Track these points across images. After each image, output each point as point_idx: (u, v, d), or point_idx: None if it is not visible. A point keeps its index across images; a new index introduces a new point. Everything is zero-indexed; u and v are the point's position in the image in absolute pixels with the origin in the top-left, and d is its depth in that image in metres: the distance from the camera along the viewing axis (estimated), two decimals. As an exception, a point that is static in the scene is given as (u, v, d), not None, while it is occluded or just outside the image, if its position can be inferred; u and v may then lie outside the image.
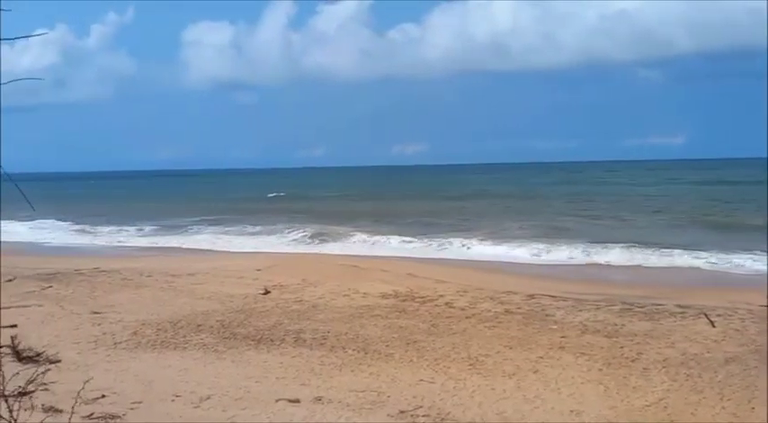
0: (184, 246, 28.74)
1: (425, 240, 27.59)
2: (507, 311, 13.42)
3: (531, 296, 14.88)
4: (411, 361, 10.04)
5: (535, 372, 9.52)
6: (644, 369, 9.62)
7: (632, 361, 10.00)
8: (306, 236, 30.89)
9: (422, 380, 9.14)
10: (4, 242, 29.62)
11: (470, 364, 9.85)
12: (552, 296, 14.89)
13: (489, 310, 13.50)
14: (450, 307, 13.86)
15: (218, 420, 7.63)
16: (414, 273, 18.52)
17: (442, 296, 14.88)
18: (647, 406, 8.22)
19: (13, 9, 3.07)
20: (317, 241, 29.34)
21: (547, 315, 13.12)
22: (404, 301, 14.46)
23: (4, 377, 3.34)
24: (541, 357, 10.20)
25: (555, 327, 12.17)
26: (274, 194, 65.16)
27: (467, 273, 19.46)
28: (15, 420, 3.08)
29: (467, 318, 12.89)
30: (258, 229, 34.19)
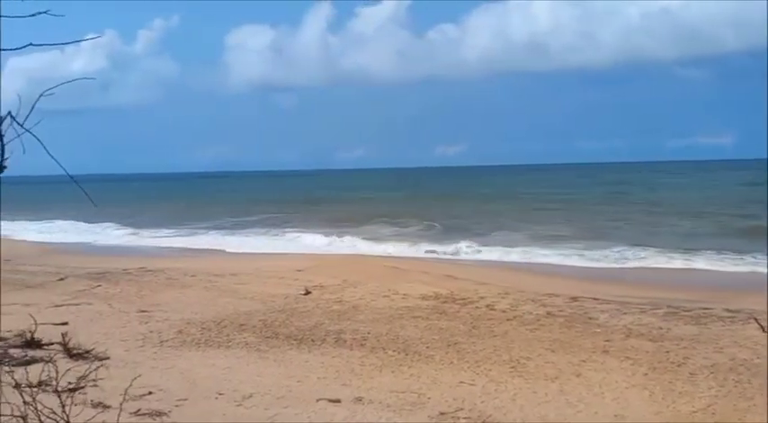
0: (224, 246, 29.16)
1: (465, 241, 27.47)
2: (549, 314, 13.27)
3: (574, 299, 14.68)
4: (451, 363, 10.02)
5: (578, 375, 9.39)
6: (690, 374, 9.40)
7: (678, 366, 9.78)
8: (340, 237, 31.08)
9: (462, 382, 9.11)
10: (58, 242, 30.59)
11: (512, 367, 9.77)
12: (595, 299, 14.67)
13: (531, 313, 13.37)
14: (491, 309, 13.77)
15: (261, 419, 7.74)
16: (453, 274, 18.47)
17: (482, 298, 14.80)
18: (694, 412, 8.03)
19: (64, 14, 3.16)
20: (352, 242, 29.45)
21: (590, 318, 12.93)
22: (444, 302, 14.43)
23: (57, 373, 3.47)
24: (584, 361, 10.05)
25: (598, 330, 11.98)
26: (309, 196, 65.60)
27: (507, 275, 19.31)
28: (67, 415, 3.20)
29: (508, 320, 12.79)
30: (292, 229, 34.55)
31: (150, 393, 8.15)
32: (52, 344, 10.11)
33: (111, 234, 36.06)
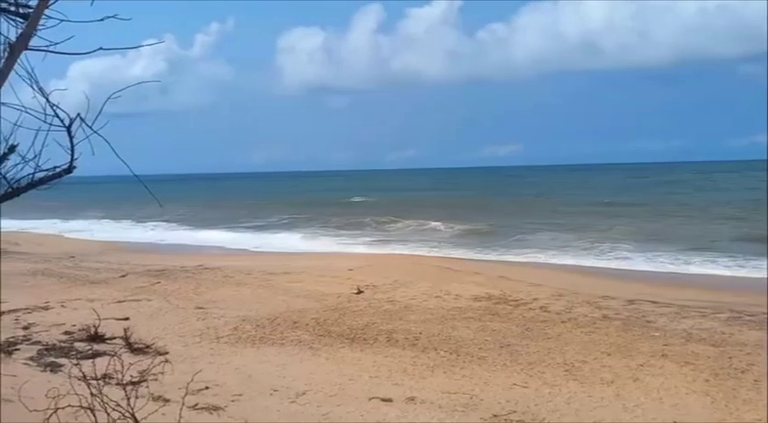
0: (277, 245, 29.57)
1: (516, 241, 27.16)
2: (605, 317, 13.00)
3: (631, 301, 14.34)
4: (504, 364, 9.92)
5: (635, 380, 9.17)
6: (755, 381, 9.06)
7: (742, 372, 9.44)
8: (391, 237, 31.14)
9: (515, 384, 9.01)
10: (120, 240, 31.63)
11: (566, 370, 9.62)
12: (653, 302, 14.29)
13: (586, 315, 13.12)
14: (545, 311, 13.58)
15: (314, 416, 7.84)
16: (506, 275, 18.27)
17: (536, 299, 14.60)
18: (759, 421, 7.74)
19: (131, 18, 3.26)
20: (402, 242, 29.46)
21: (648, 321, 12.61)
22: (497, 303, 14.30)
23: (123, 367, 3.60)
24: (642, 365, 9.81)
25: (657, 334, 11.67)
26: (358, 198, 65.83)
27: (561, 276, 19.00)
28: (132, 408, 3.32)
29: (562, 322, 12.59)
30: (342, 229, 34.82)
31: (207, 388, 8.36)
32: (114, 338, 10.48)
33: (169, 232, 37.04)
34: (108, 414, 3.47)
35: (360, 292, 15.55)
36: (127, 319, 12.23)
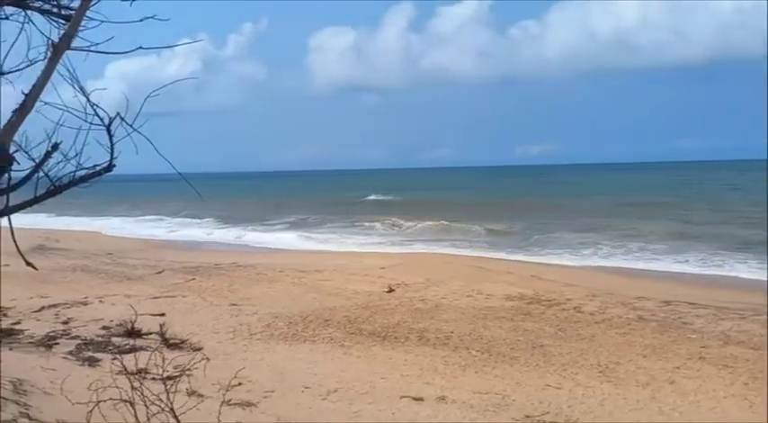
0: (308, 242, 29.73)
1: (551, 239, 26.87)
2: (640, 318, 12.80)
3: (667, 302, 14.09)
4: (537, 365, 9.84)
5: (672, 382, 9.01)
6: (796, 386, 8.83)
7: (782, 376, 9.21)
8: (422, 236, 31.07)
9: (548, 385, 8.93)
10: (157, 238, 32.17)
11: (600, 372, 9.50)
12: (690, 303, 14.01)
13: (620, 316, 12.93)
14: (579, 311, 13.42)
15: (345, 413, 7.87)
16: (538, 275, 18.10)
17: (569, 300, 14.44)
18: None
19: (169, 18, 3.31)
20: (434, 241, 29.38)
21: (684, 323, 12.37)
22: (529, 303, 14.18)
23: (163, 361, 3.67)
24: (678, 368, 9.64)
25: (694, 336, 11.44)
26: (389, 197, 65.75)
27: (594, 276, 18.75)
28: (171, 402, 3.38)
29: (596, 323, 12.43)
30: (376, 227, 34.86)
31: (240, 384, 8.44)
32: (150, 333, 10.67)
33: (204, 230, 37.51)
34: (147, 408, 3.54)
35: (391, 290, 15.56)
36: (162, 314, 12.44)
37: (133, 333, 10.58)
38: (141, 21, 2.81)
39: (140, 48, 2.90)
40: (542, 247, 25.85)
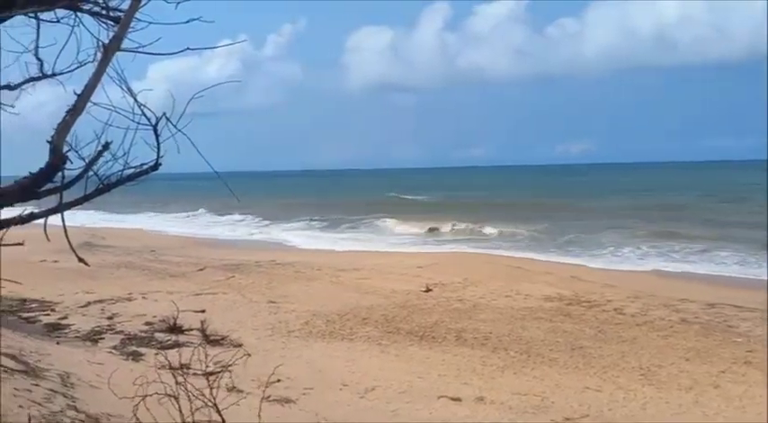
0: (345, 242, 29.87)
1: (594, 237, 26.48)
2: (683, 320, 12.52)
3: (711, 305, 13.75)
4: (576, 367, 9.71)
5: (716, 387, 8.80)
6: None
7: (834, 383, 8.91)
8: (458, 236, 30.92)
9: (588, 388, 8.81)
10: (198, 235, 32.73)
11: (642, 375, 9.32)
12: (736, 306, 13.65)
13: (663, 318, 12.67)
14: (620, 313, 13.20)
15: (383, 412, 7.89)
16: (578, 276, 17.86)
17: (610, 301, 14.21)
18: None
19: (214, 21, 3.36)
20: (472, 240, 29.22)
21: (729, 326, 12.07)
22: (569, 304, 14.01)
23: (206, 357, 3.74)
24: (723, 372, 9.40)
25: (739, 340, 11.15)
26: (425, 197, 65.61)
27: (636, 278, 18.42)
28: (214, 398, 3.45)
29: (638, 325, 12.20)
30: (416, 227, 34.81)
31: (279, 381, 8.53)
32: (192, 330, 10.86)
33: (244, 228, 38.03)
34: (191, 402, 3.61)
35: (428, 290, 15.53)
36: (203, 311, 12.64)
37: (175, 329, 10.79)
38: (187, 22, 2.86)
39: (188, 49, 2.96)
40: (582, 248, 25.50)
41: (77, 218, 26.64)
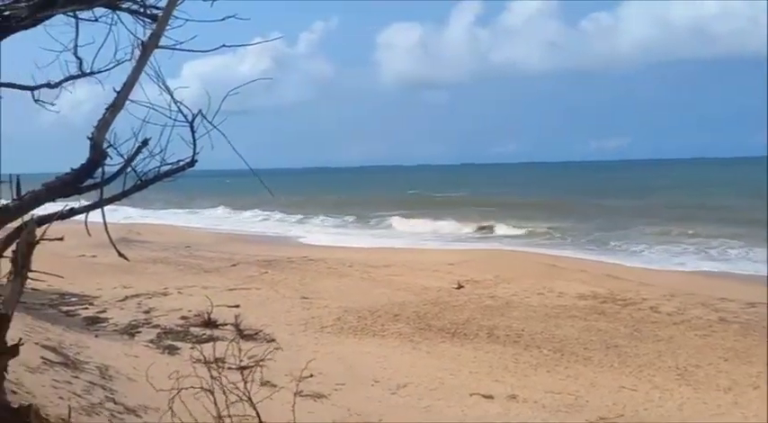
0: (376, 238, 29.88)
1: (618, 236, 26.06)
2: (722, 320, 12.25)
3: (751, 304, 13.43)
4: (611, 366, 9.58)
5: (756, 388, 8.60)
6: None
7: None
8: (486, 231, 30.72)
9: (623, 387, 8.68)
10: (232, 231, 33.13)
11: (678, 375, 9.16)
12: (777, 306, 13.30)
13: (700, 318, 12.42)
14: (656, 311, 12.97)
15: (415, 408, 7.89)
16: (613, 274, 17.60)
17: (645, 299, 13.98)
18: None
19: (249, 18, 3.38)
20: (504, 237, 28.99)
21: (770, 326, 11.77)
22: (603, 302, 13.81)
23: (240, 352, 3.79)
24: (762, 372, 9.17)
25: (780, 340, 10.87)
26: (459, 194, 65.19)
27: (672, 276, 18.09)
28: (249, 391, 3.49)
29: (674, 324, 11.98)
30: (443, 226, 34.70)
31: (312, 376, 8.59)
32: (226, 324, 11.00)
33: (276, 224, 38.36)
34: (226, 396, 3.65)
35: (460, 286, 15.48)
36: (237, 306, 12.79)
37: (210, 323, 10.94)
38: (223, 20, 2.89)
39: (224, 45, 2.99)
40: (617, 246, 25.14)
41: (115, 214, 27.17)
